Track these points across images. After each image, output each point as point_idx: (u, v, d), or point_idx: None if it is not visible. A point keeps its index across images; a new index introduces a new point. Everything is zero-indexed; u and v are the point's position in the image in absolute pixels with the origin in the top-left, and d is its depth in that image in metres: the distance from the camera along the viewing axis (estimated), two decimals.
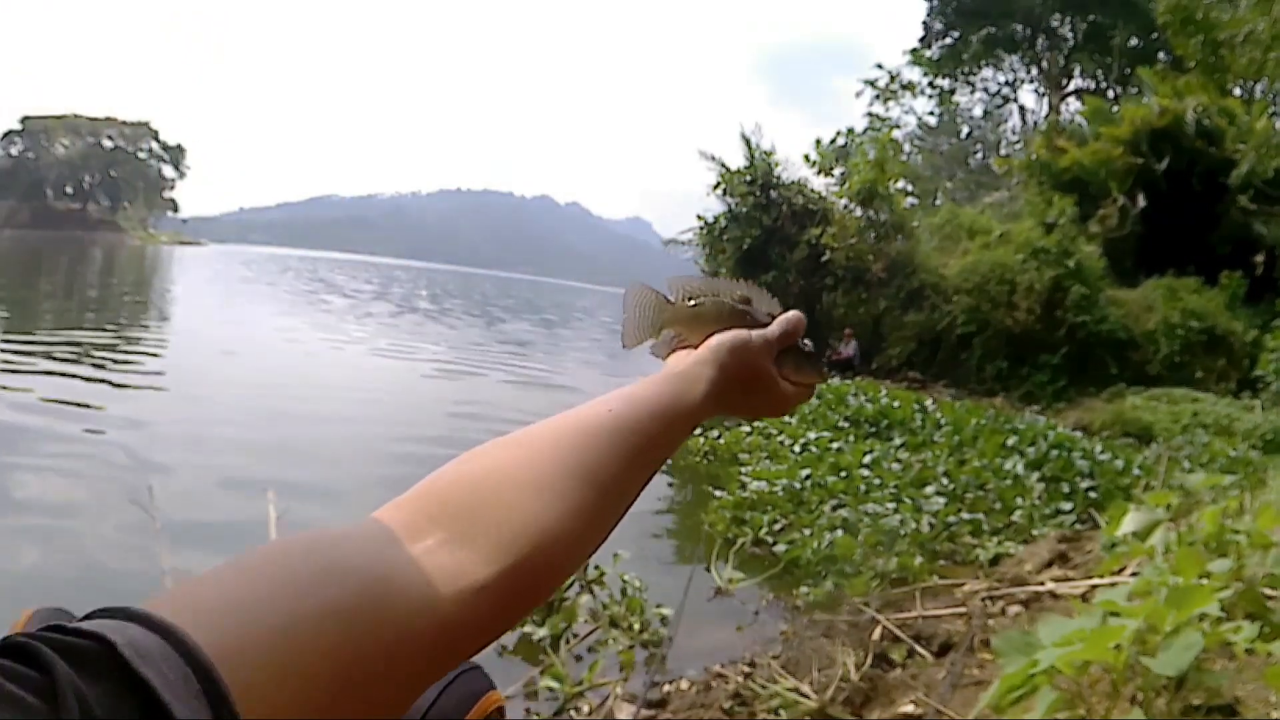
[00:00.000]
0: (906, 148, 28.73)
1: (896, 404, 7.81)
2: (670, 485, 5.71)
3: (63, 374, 6.98)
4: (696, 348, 0.65)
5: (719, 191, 16.63)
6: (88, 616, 0.29)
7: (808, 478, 4.97)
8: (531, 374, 11.16)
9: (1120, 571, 2.74)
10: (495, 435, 0.52)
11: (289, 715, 0.31)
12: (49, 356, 7.79)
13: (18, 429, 5.09)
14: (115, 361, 8.13)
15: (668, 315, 0.70)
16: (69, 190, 79.51)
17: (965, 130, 33.13)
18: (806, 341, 0.70)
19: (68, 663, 0.25)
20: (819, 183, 17.65)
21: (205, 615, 0.31)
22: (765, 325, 0.68)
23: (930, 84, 31.58)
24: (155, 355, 9.13)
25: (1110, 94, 27.34)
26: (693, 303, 0.70)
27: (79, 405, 5.87)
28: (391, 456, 5.63)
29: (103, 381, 6.96)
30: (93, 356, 8.10)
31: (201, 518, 3.84)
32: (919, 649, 2.78)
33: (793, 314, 0.70)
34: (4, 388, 6.16)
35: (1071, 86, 30.29)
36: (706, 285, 0.70)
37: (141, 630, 0.28)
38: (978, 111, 33.09)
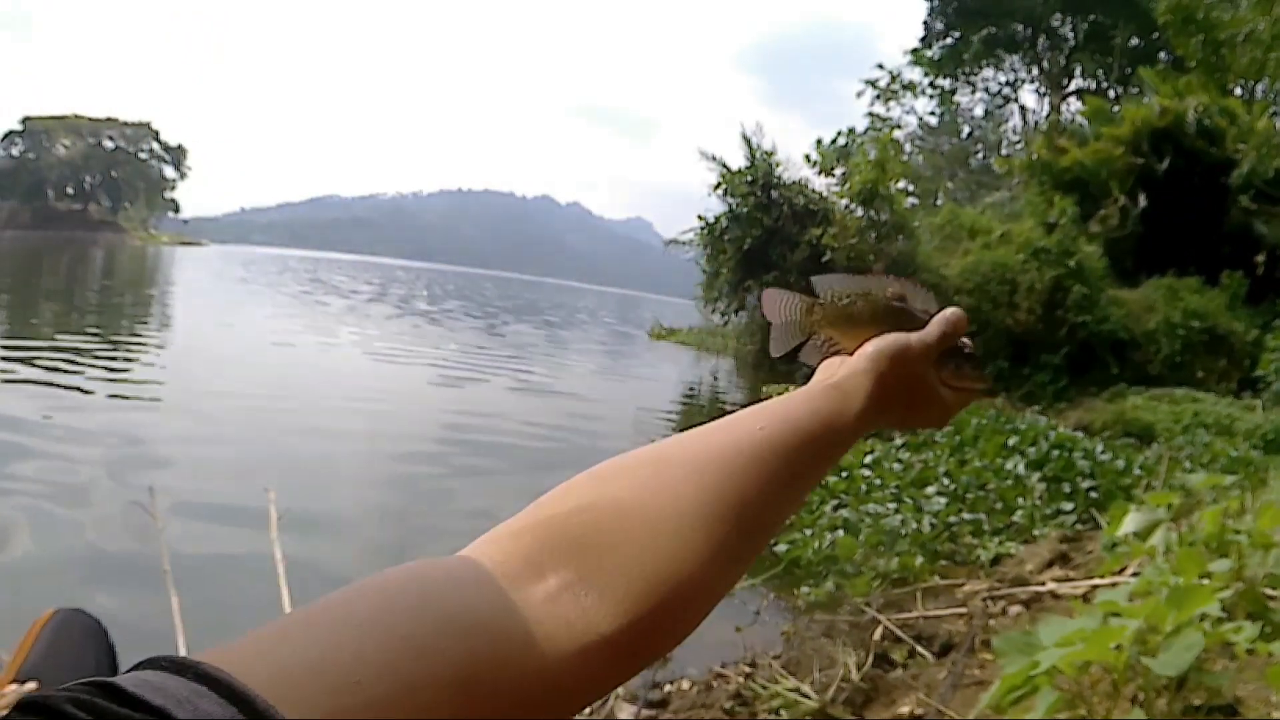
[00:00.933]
0: (907, 148, 28.74)
1: None
2: None
3: (58, 384, 6.99)
4: (850, 352, 0.60)
5: (719, 191, 16.64)
6: (143, 665, 0.24)
7: None
8: (533, 379, 11.16)
9: (1121, 572, 2.74)
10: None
11: None
12: (46, 360, 7.80)
13: (15, 433, 5.09)
14: (112, 365, 8.13)
15: (818, 316, 0.65)
16: (70, 191, 79.55)
17: (966, 130, 33.13)
18: (966, 341, 0.64)
19: None
20: (820, 183, 17.65)
21: (300, 682, 0.25)
22: (923, 324, 0.62)
23: (931, 84, 31.58)
24: (152, 360, 9.14)
25: (1111, 94, 27.34)
26: (844, 301, 0.65)
27: (75, 409, 5.87)
28: (391, 464, 5.63)
29: (103, 380, 6.96)
30: (89, 361, 8.11)
31: (201, 517, 3.84)
32: (920, 649, 2.78)
33: (952, 311, 0.63)
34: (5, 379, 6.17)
35: (1072, 86, 30.28)
36: (856, 283, 0.66)
37: (218, 703, 0.22)
38: (978, 111, 33.11)
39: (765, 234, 15.97)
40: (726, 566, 0.40)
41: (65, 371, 7.11)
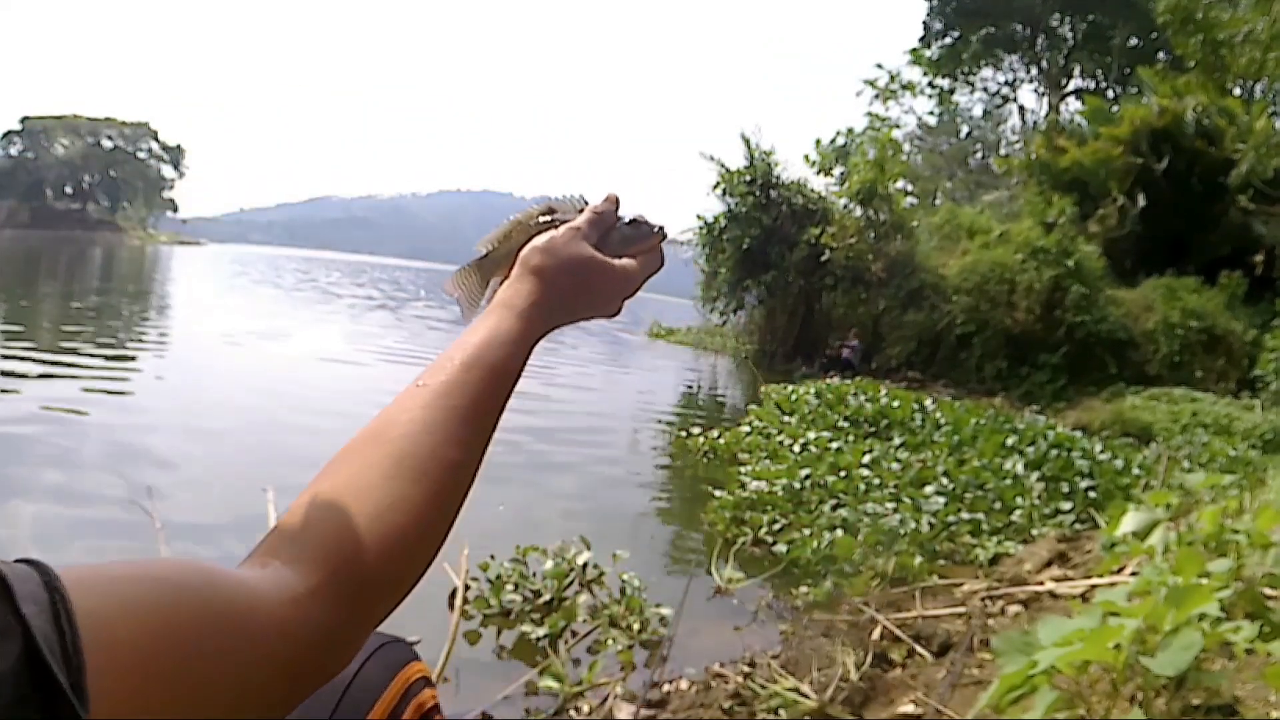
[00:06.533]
0: (906, 147, 28.72)
1: (896, 404, 7.80)
2: (670, 485, 5.71)
3: (56, 375, 6.98)
4: None
5: (719, 191, 16.66)
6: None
7: (807, 477, 4.96)
8: (532, 379, 11.12)
9: (1120, 571, 2.74)
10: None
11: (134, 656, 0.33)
12: (42, 360, 7.79)
13: (12, 434, 5.08)
14: (108, 364, 8.12)
15: (486, 268, 0.69)
16: (68, 190, 79.41)
17: (965, 130, 33.15)
18: (624, 214, 0.67)
19: None
20: (819, 182, 17.71)
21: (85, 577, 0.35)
22: None
23: (930, 84, 31.59)
24: (151, 357, 9.13)
25: (1110, 94, 27.37)
26: (500, 241, 0.68)
27: (73, 410, 5.87)
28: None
29: (98, 378, 6.96)
30: (86, 360, 8.10)
31: (200, 518, 3.84)
32: (919, 649, 2.78)
33: (601, 200, 0.67)
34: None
35: (1071, 86, 30.31)
36: (508, 223, 0.69)
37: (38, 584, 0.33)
38: (977, 111, 33.13)
39: (764, 233, 15.99)
40: (409, 512, 0.48)
41: (62, 370, 7.11)
